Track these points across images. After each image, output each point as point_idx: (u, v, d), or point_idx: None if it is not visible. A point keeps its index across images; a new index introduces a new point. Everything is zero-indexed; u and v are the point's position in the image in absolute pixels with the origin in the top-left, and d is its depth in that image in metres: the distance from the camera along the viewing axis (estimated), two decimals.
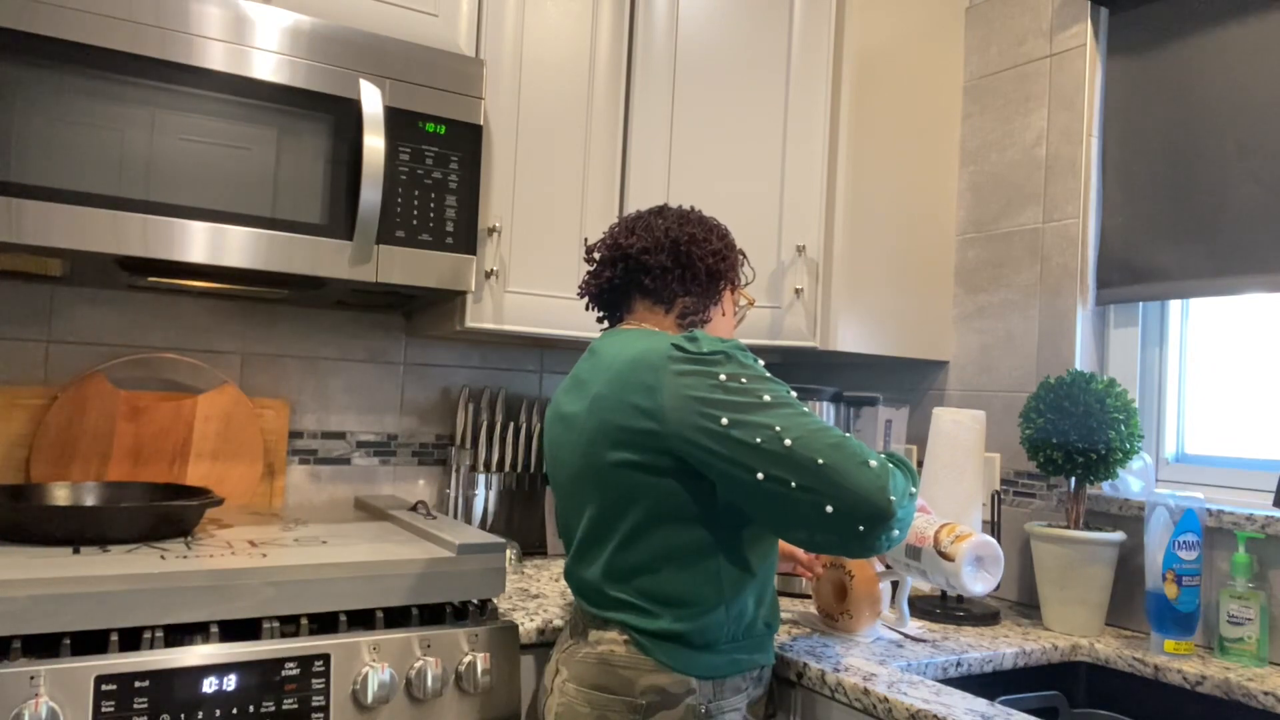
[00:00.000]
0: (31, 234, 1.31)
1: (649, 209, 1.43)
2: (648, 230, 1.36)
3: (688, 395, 1.14)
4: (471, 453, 2.01)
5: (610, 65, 1.88)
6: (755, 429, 1.11)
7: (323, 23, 1.53)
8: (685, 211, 1.41)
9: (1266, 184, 1.62)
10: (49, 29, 1.33)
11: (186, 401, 1.77)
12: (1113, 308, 1.89)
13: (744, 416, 1.12)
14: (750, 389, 1.14)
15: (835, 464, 1.09)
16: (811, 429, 1.11)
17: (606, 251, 1.39)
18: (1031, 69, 1.99)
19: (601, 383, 1.23)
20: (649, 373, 1.17)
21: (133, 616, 1.16)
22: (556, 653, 1.31)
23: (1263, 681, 1.41)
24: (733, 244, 1.42)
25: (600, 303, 1.42)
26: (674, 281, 1.35)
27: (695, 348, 1.18)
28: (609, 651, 1.22)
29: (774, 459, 1.10)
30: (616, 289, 1.38)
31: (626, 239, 1.36)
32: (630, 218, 1.41)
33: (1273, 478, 1.63)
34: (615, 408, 1.19)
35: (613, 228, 1.41)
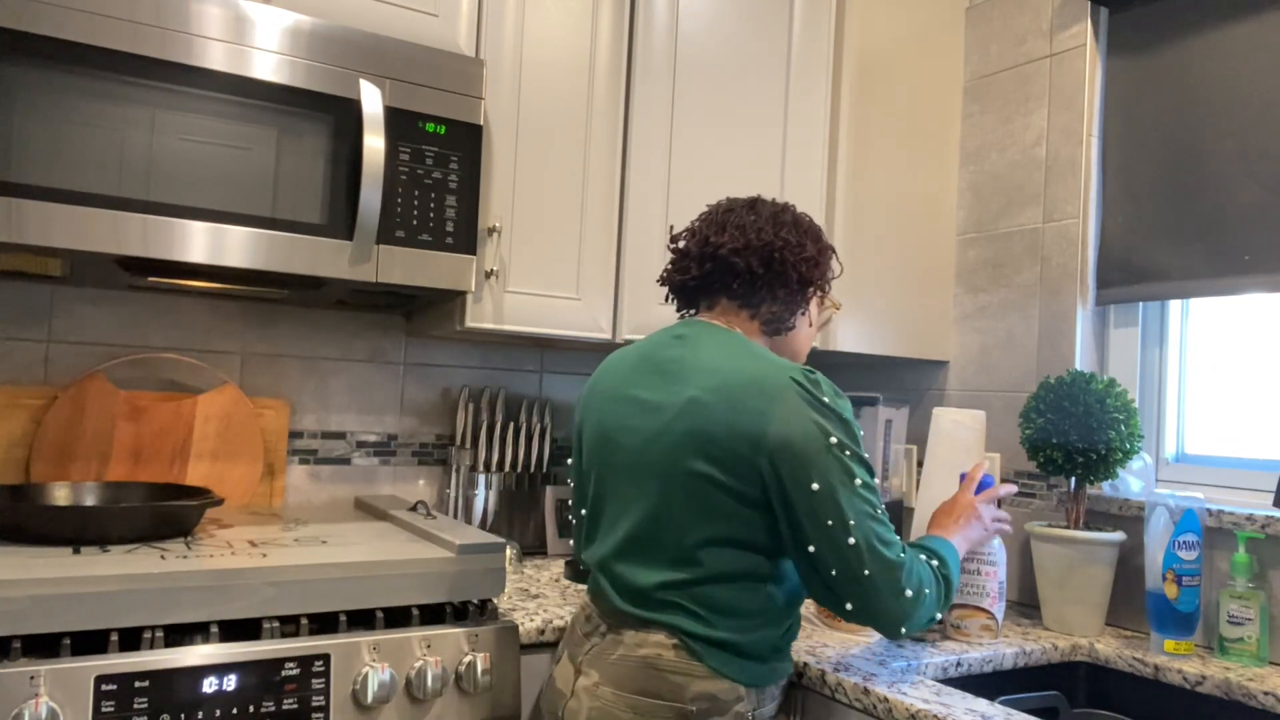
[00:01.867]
0: (32, 234, 1.31)
1: (742, 202, 1.34)
2: (740, 229, 1.29)
3: (795, 440, 1.12)
4: (471, 453, 2.01)
5: (610, 65, 1.88)
6: (833, 510, 1.11)
7: (323, 23, 1.53)
8: (779, 209, 1.33)
9: (1266, 184, 1.62)
10: (49, 29, 1.33)
11: (186, 401, 1.77)
12: (1113, 308, 1.89)
13: (831, 492, 1.12)
14: (849, 466, 1.13)
15: (876, 585, 1.13)
16: (875, 537, 1.13)
17: (694, 246, 1.32)
18: (1031, 69, 1.99)
19: (701, 387, 1.18)
20: (764, 400, 1.14)
21: (133, 616, 1.16)
22: (574, 653, 1.25)
23: (1263, 681, 1.41)
24: (827, 248, 1.35)
25: (682, 296, 1.37)
26: (762, 288, 1.29)
27: (818, 393, 1.15)
28: (655, 655, 1.17)
29: (831, 546, 1.12)
30: (700, 287, 1.33)
31: (717, 236, 1.30)
32: (721, 210, 1.33)
33: (1273, 478, 1.63)
34: (717, 421, 1.15)
35: (702, 220, 1.34)
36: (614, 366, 1.33)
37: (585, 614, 1.28)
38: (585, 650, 1.23)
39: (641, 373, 1.27)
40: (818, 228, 1.35)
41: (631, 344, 1.38)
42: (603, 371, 1.35)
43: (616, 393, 1.28)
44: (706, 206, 1.38)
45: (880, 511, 1.16)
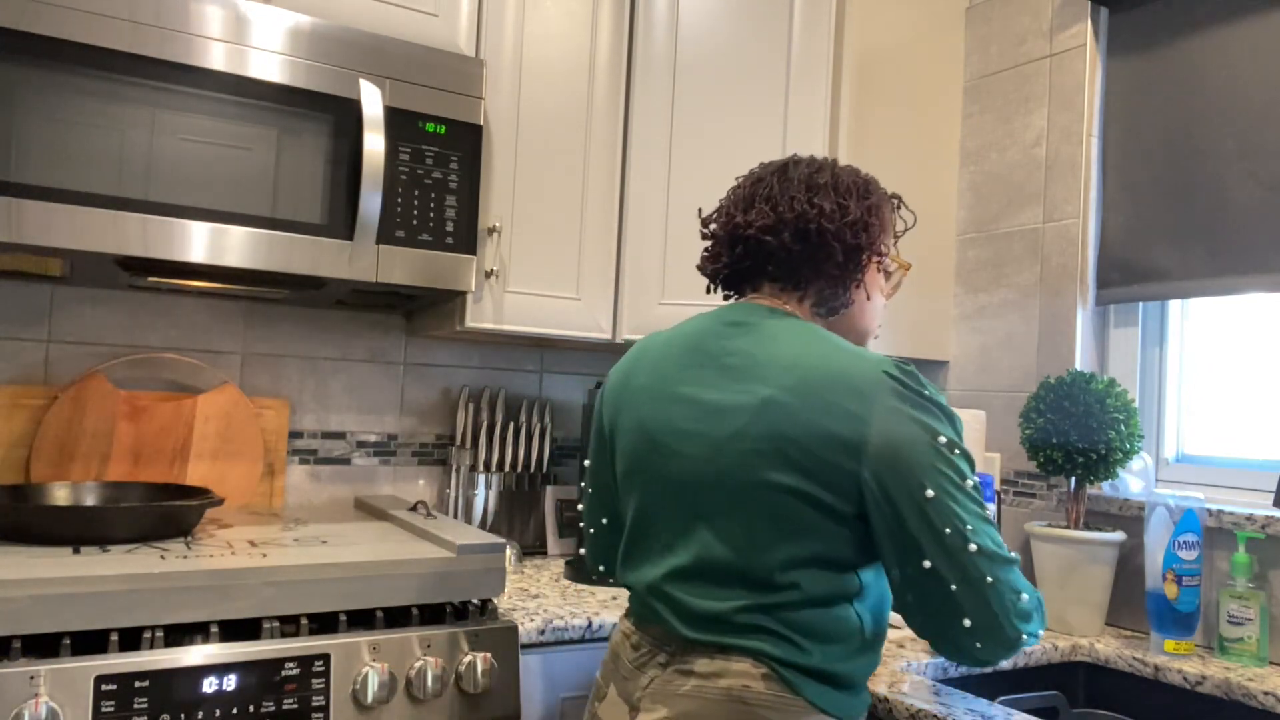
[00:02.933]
0: (32, 234, 1.31)
1: (775, 167, 1.17)
2: (769, 202, 1.13)
3: (901, 444, 0.98)
4: (471, 453, 2.01)
5: (610, 65, 1.88)
6: (949, 516, 0.97)
7: (323, 23, 1.53)
8: (815, 169, 1.15)
9: (1266, 184, 1.62)
10: (49, 29, 1.33)
11: (186, 401, 1.77)
12: (1113, 308, 1.89)
13: (948, 498, 0.97)
14: (959, 465, 0.99)
15: (999, 589, 0.98)
16: (993, 538, 0.99)
17: (721, 229, 1.17)
18: (1031, 69, 1.99)
19: (778, 385, 1.02)
20: (857, 399, 0.99)
21: (133, 616, 1.16)
22: (626, 689, 1.09)
23: (1263, 681, 1.41)
24: (877, 205, 1.15)
25: (724, 285, 1.21)
26: (804, 265, 1.12)
27: (917, 387, 1.01)
28: (741, 686, 1.00)
29: (950, 556, 0.97)
30: (737, 274, 1.18)
31: (744, 214, 1.14)
32: (749, 183, 1.17)
33: (1273, 478, 1.63)
34: (801, 425, 0.99)
35: (729, 196, 1.19)
36: (653, 358, 1.15)
37: (631, 642, 1.11)
38: (644, 684, 1.06)
39: (694, 367, 1.10)
40: (865, 181, 1.16)
41: (666, 331, 1.20)
42: (637, 362, 1.17)
43: (663, 390, 1.11)
44: (730, 188, 1.22)
45: (987, 510, 1.02)
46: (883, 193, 1.18)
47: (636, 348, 1.21)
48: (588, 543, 1.28)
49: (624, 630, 1.14)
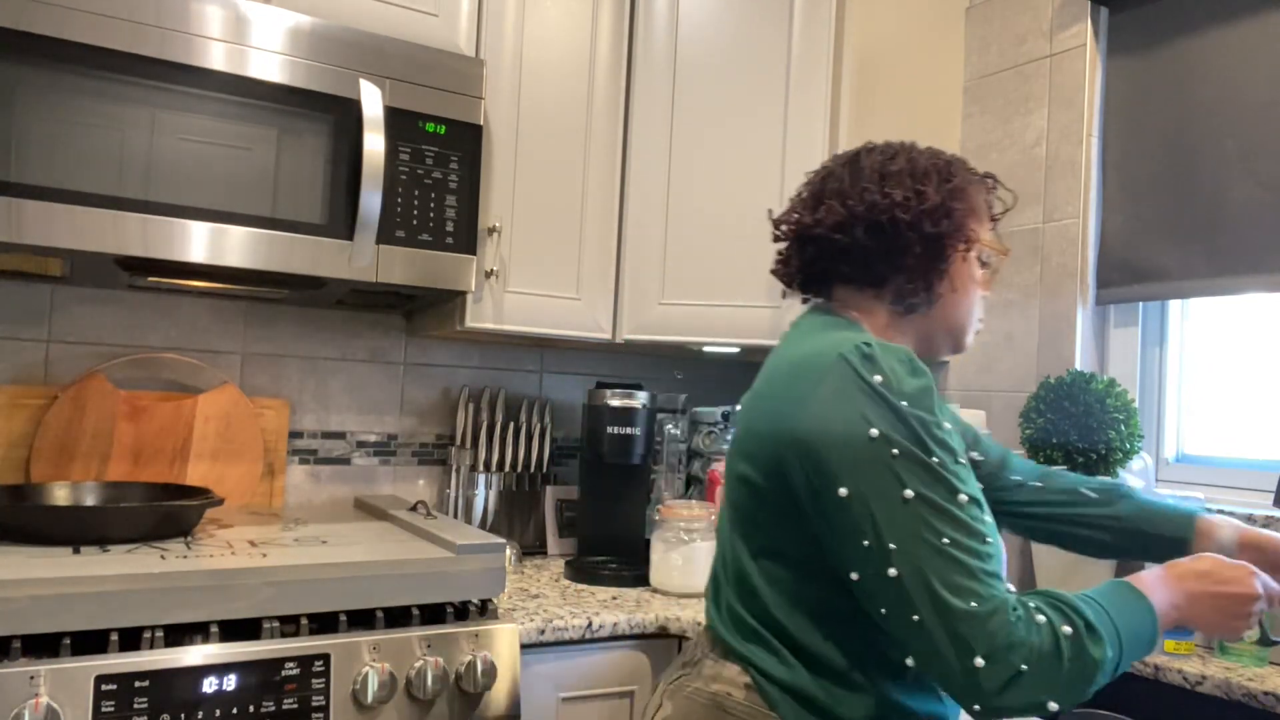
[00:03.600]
0: (32, 234, 1.31)
1: (844, 158, 1.10)
2: (839, 197, 1.05)
3: (826, 431, 0.90)
4: (471, 453, 2.01)
5: (610, 65, 1.88)
6: (868, 527, 0.87)
7: (323, 23, 1.53)
8: (889, 157, 1.07)
9: (1266, 184, 1.62)
10: (49, 29, 1.33)
11: (186, 401, 1.77)
12: (1113, 308, 1.89)
13: (864, 502, 0.87)
14: (895, 470, 0.87)
15: (932, 637, 0.85)
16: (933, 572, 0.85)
17: (790, 230, 1.11)
18: (1031, 69, 1.99)
19: (762, 379, 1.03)
20: (805, 384, 0.94)
21: (133, 616, 1.16)
22: (664, 678, 1.11)
23: (1263, 681, 1.41)
24: (961, 187, 1.06)
25: (801, 288, 1.14)
26: (879, 261, 1.04)
27: (866, 372, 0.91)
28: (724, 693, 0.99)
29: (872, 575, 0.88)
30: (812, 275, 1.11)
31: (811, 214, 1.07)
32: (818, 179, 1.11)
33: (1273, 478, 1.63)
34: (762, 415, 0.98)
35: (797, 194, 1.13)
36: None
37: (695, 640, 1.11)
38: (672, 678, 1.08)
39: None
40: (946, 162, 1.08)
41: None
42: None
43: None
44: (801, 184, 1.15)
45: (954, 540, 0.86)
46: (970, 173, 1.09)
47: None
48: None
49: (699, 629, 1.15)
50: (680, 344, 1.93)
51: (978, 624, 0.84)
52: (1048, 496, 1.29)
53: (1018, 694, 0.83)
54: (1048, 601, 0.89)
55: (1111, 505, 1.25)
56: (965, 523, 0.88)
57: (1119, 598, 0.92)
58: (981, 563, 0.87)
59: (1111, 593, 0.93)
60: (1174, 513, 1.22)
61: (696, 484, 2.12)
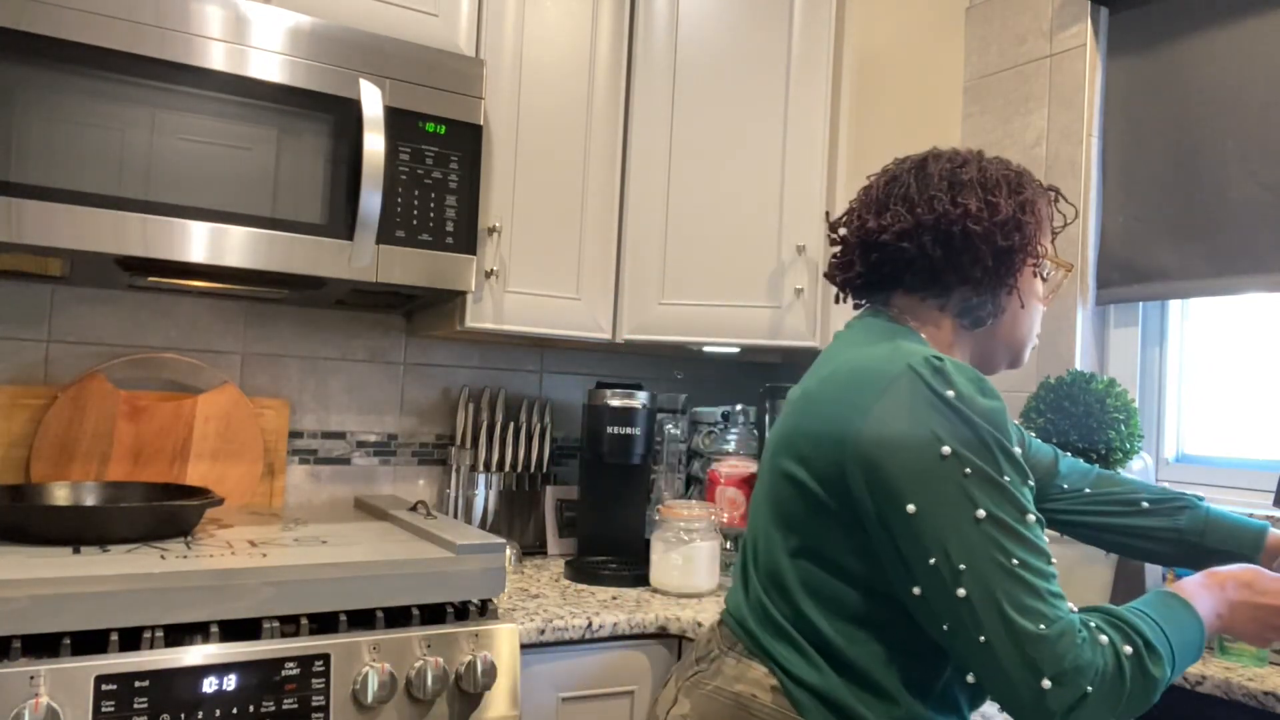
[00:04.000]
0: (32, 234, 1.31)
1: (910, 163, 1.07)
2: (906, 204, 1.03)
3: (893, 443, 0.88)
4: (471, 453, 2.01)
5: (610, 65, 1.88)
6: (935, 545, 0.86)
7: (323, 23, 1.53)
8: (958, 165, 1.04)
9: (1267, 184, 1.62)
10: (49, 29, 1.33)
11: (186, 401, 1.77)
12: (1113, 308, 1.89)
13: (934, 520, 0.86)
14: (967, 489, 0.86)
15: (998, 659, 0.84)
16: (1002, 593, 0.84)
17: (852, 234, 1.08)
18: (1031, 69, 1.99)
19: (816, 380, 1.02)
20: (869, 392, 0.92)
21: (133, 616, 1.16)
22: (680, 675, 1.08)
23: (1263, 681, 1.41)
24: (1031, 200, 1.04)
25: (855, 294, 1.13)
26: (948, 272, 1.03)
27: (940, 385, 0.89)
28: (749, 694, 0.96)
29: (938, 592, 0.86)
30: (870, 283, 1.09)
31: (877, 219, 1.05)
32: (883, 182, 1.08)
33: (1273, 478, 1.63)
34: (816, 416, 0.97)
35: (861, 197, 1.10)
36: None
37: (709, 636, 1.10)
38: (688, 675, 1.05)
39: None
40: (1018, 174, 1.06)
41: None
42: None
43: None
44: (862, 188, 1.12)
45: (1023, 561, 0.85)
46: (1038, 185, 1.07)
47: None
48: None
49: (712, 624, 1.13)
50: (680, 344, 1.93)
51: (1046, 646, 0.83)
52: (1101, 506, 1.26)
53: (1082, 715, 0.83)
54: (1107, 620, 0.89)
55: (1171, 517, 1.23)
56: (1034, 543, 0.87)
57: (1169, 610, 0.92)
58: (1048, 584, 0.86)
59: (1161, 605, 0.92)
60: (1242, 529, 1.19)
61: (696, 484, 2.12)
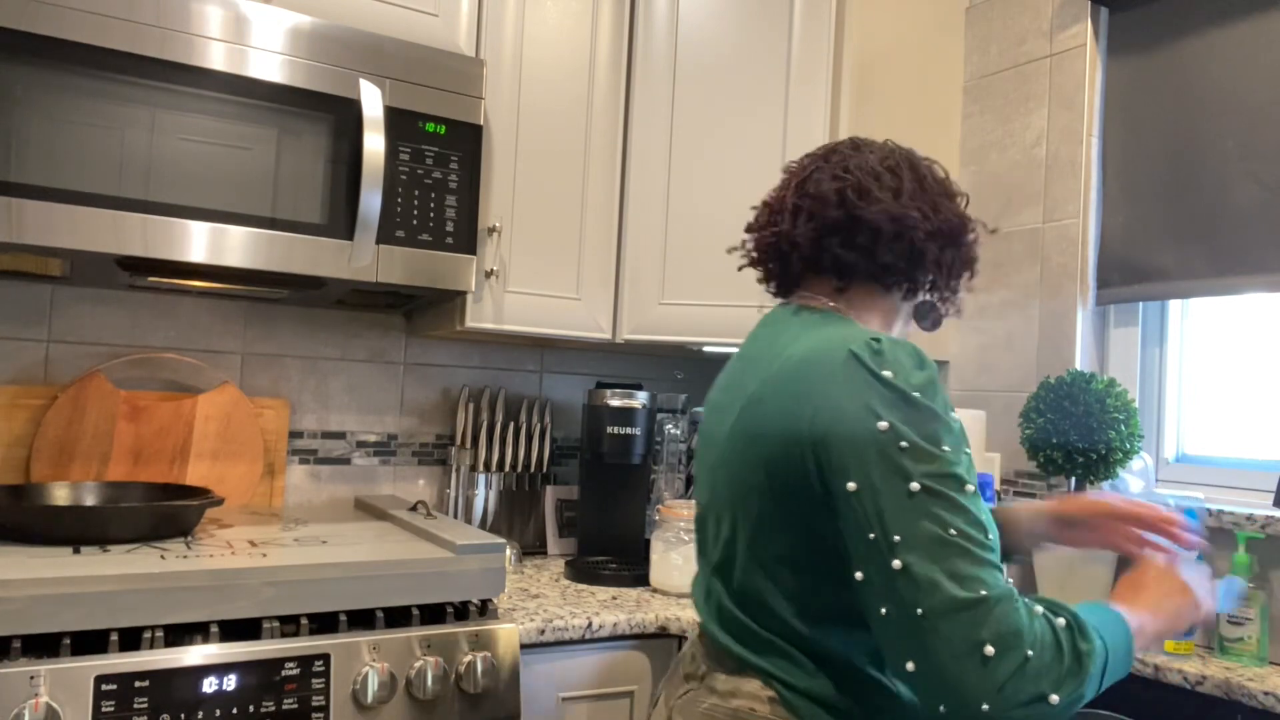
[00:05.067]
0: (32, 234, 1.31)
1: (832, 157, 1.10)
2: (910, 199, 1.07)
3: (836, 425, 0.89)
4: (471, 453, 2.01)
5: (610, 65, 1.88)
6: (874, 519, 0.86)
7: (323, 23, 1.53)
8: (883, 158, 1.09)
9: (1266, 184, 1.62)
10: (49, 29, 1.33)
11: (186, 401, 1.77)
12: (1113, 308, 1.89)
13: (873, 495, 0.86)
14: (899, 462, 0.86)
15: (936, 629, 0.82)
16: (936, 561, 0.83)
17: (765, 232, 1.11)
18: (1031, 69, 1.99)
19: (760, 379, 1.01)
20: (813, 381, 0.94)
21: (133, 616, 1.16)
22: (669, 694, 1.08)
23: (1263, 681, 1.41)
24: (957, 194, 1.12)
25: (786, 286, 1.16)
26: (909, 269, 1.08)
27: (876, 365, 0.91)
28: (747, 709, 0.97)
29: (877, 570, 0.86)
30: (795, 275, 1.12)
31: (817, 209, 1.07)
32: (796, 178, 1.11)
33: (1273, 478, 1.63)
34: (770, 418, 0.96)
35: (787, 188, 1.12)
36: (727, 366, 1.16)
37: (692, 651, 1.09)
38: (679, 694, 1.05)
39: (729, 373, 1.10)
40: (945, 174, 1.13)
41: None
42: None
43: (710, 397, 1.13)
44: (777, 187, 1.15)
45: (961, 531, 0.85)
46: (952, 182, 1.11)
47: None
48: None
49: (693, 637, 1.12)
50: (680, 344, 1.93)
51: (985, 610, 0.82)
52: None
53: (1022, 684, 0.81)
54: (1034, 599, 0.90)
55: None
56: (973, 514, 0.86)
57: (1090, 608, 0.93)
58: (986, 554, 0.85)
59: (1093, 606, 0.94)
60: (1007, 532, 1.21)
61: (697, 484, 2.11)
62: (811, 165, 1.10)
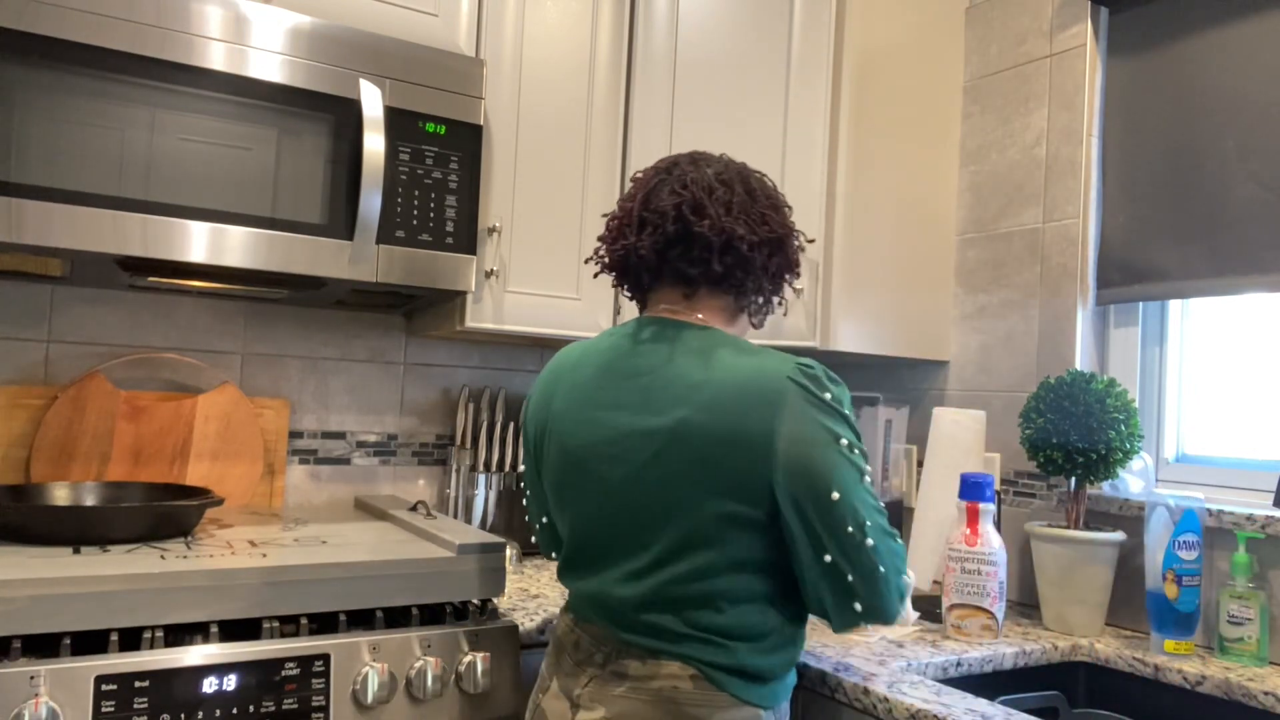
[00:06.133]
0: (32, 234, 1.31)
1: (728, 170, 1.20)
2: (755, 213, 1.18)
3: (808, 449, 1.05)
4: (471, 453, 2.01)
5: (610, 65, 1.88)
6: (851, 515, 1.05)
7: (323, 23, 1.53)
8: (771, 187, 1.22)
9: (1266, 184, 1.62)
10: (49, 29, 1.33)
11: (186, 401, 1.77)
12: (1113, 308, 1.89)
13: (849, 498, 1.05)
14: (858, 464, 1.07)
15: (888, 578, 1.08)
16: (884, 531, 1.08)
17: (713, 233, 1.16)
18: (1031, 69, 1.99)
19: (691, 406, 1.07)
20: (766, 408, 1.05)
21: (133, 616, 1.16)
22: (567, 685, 1.16)
23: (1263, 681, 1.41)
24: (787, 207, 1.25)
25: (641, 289, 1.24)
26: (756, 278, 1.20)
27: (819, 392, 1.07)
28: (671, 688, 1.08)
29: (850, 551, 1.06)
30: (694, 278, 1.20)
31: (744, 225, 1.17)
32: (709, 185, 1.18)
33: (1273, 478, 1.63)
34: (716, 443, 1.05)
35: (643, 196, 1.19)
36: (569, 380, 1.20)
37: (573, 640, 1.18)
38: (583, 682, 1.13)
39: (609, 388, 1.15)
40: (776, 188, 1.26)
41: (580, 347, 1.25)
42: (556, 383, 1.22)
43: (581, 413, 1.16)
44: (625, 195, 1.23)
45: (876, 500, 1.11)
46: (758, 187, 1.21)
47: (554, 364, 1.26)
48: (538, 536, 1.34)
49: (565, 626, 1.20)
50: None
51: (901, 554, 1.11)
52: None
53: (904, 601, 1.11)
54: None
55: None
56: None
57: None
58: (885, 510, 1.12)
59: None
60: None
61: None
62: (655, 179, 1.20)
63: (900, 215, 2.02)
